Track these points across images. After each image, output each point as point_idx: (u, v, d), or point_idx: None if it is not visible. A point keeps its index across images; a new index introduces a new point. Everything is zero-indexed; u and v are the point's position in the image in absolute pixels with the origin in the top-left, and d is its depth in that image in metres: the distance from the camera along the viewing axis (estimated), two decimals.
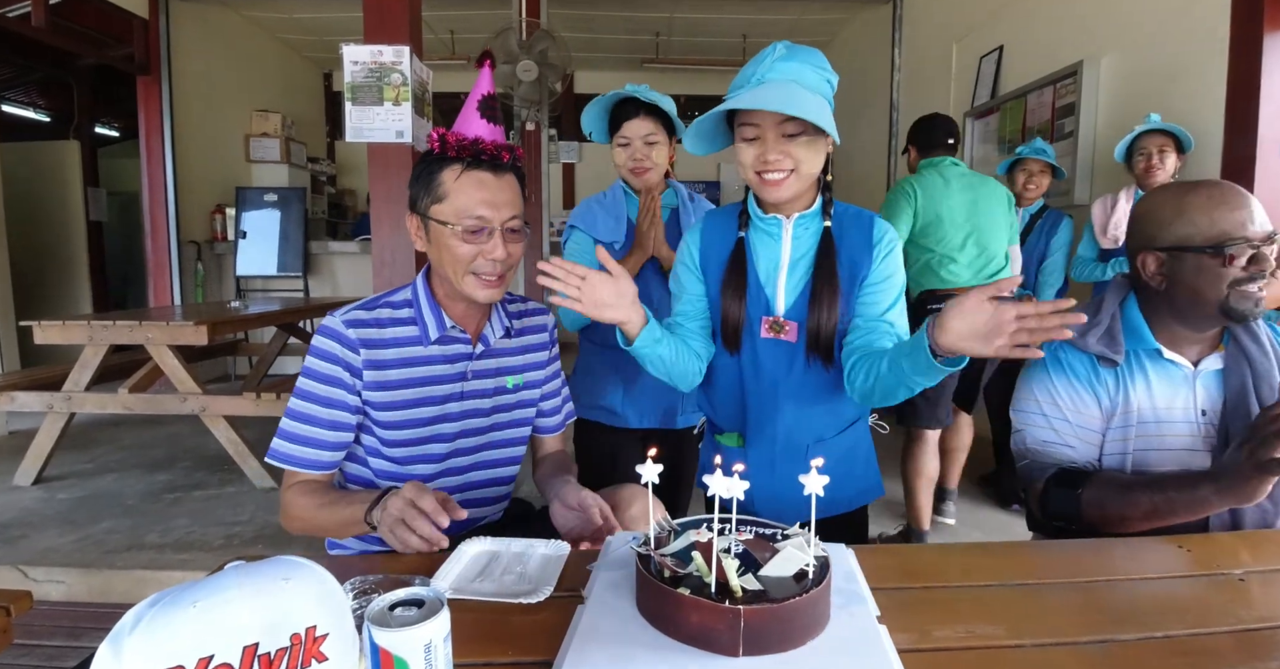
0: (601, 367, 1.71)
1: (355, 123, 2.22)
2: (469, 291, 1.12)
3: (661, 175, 1.64)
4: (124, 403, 3.07)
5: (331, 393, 1.11)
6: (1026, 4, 3.79)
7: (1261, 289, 1.05)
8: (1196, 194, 1.09)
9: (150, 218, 5.31)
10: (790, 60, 1.06)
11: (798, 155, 1.06)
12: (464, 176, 1.08)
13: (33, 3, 4.26)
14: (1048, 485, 1.13)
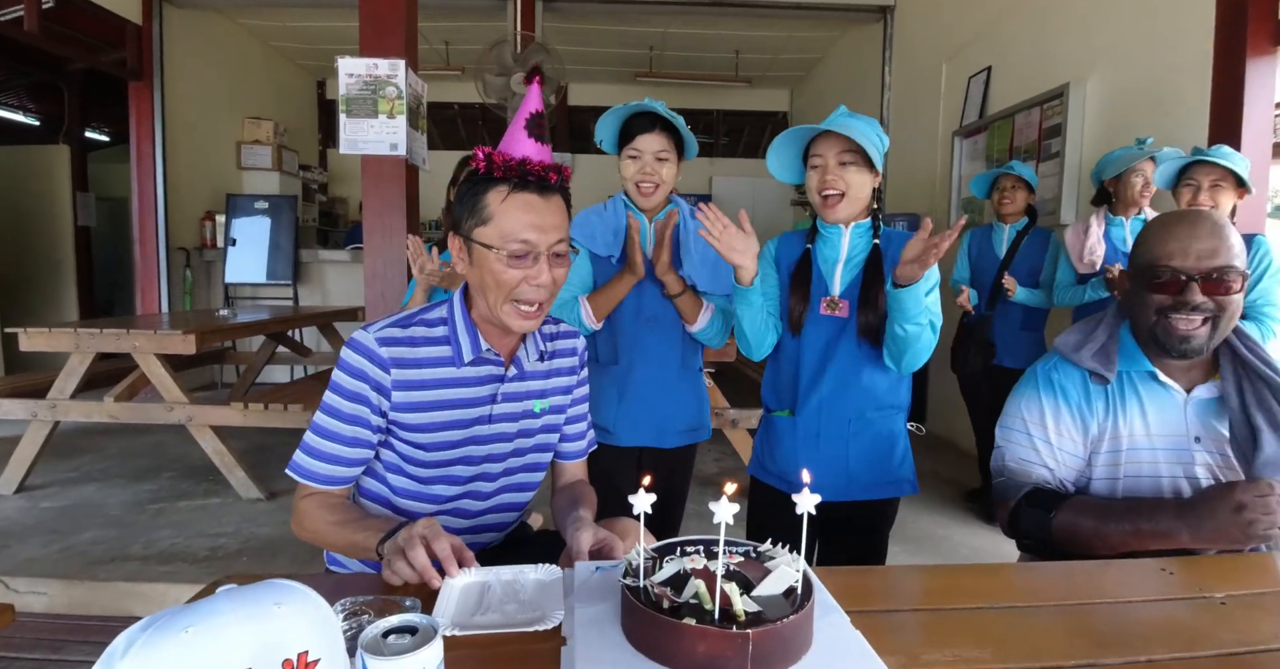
0: (596, 383, 1.70)
1: (349, 135, 2.23)
2: (506, 320, 1.08)
3: (666, 194, 1.64)
4: (109, 412, 3.04)
5: (357, 410, 1.08)
6: (1013, 26, 3.86)
7: (1196, 326, 1.06)
8: (1162, 220, 1.12)
9: (139, 224, 5.28)
10: (850, 117, 1.39)
11: (849, 180, 1.38)
12: (510, 198, 1.04)
13: (25, 7, 4.25)
14: (1020, 503, 1.14)
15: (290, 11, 5.83)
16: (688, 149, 1.64)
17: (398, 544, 0.90)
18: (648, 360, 1.66)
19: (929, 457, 3.90)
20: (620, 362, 1.67)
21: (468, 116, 8.17)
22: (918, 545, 2.74)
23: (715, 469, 3.68)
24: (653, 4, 5.29)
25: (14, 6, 4.34)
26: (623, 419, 1.67)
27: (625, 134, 1.61)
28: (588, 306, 1.60)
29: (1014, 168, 2.90)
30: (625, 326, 1.66)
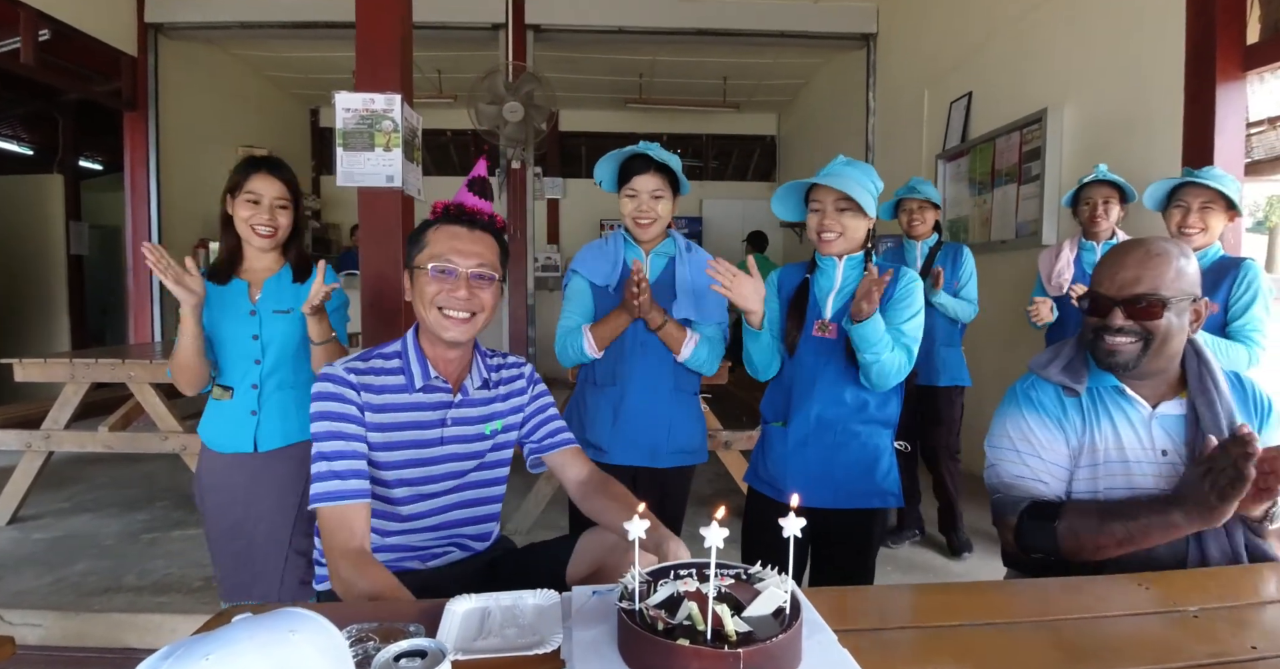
0: (593, 403, 1.79)
1: (346, 167, 2.28)
2: (437, 329, 1.22)
3: (663, 227, 1.76)
4: (104, 441, 3.04)
5: (352, 428, 1.19)
6: (992, 53, 3.98)
7: (1123, 345, 1.14)
8: (1110, 249, 1.22)
9: (133, 253, 5.31)
10: (847, 166, 1.55)
11: (845, 223, 1.53)
12: (441, 229, 1.24)
13: (21, 39, 4.31)
14: (1022, 519, 1.18)
15: (283, 42, 5.93)
16: (681, 186, 1.76)
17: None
18: (641, 383, 1.74)
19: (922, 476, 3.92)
20: (616, 383, 1.75)
21: (460, 143, 8.27)
22: (909, 564, 2.76)
23: (709, 490, 3.69)
24: (642, 33, 5.41)
25: (10, 38, 4.41)
26: (617, 439, 1.75)
27: (623, 174, 1.73)
28: (590, 337, 1.70)
29: (918, 190, 2.87)
30: (620, 350, 1.75)
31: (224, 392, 1.69)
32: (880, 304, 1.52)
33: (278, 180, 1.67)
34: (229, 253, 1.71)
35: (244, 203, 1.65)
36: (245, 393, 1.69)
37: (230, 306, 1.68)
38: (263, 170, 1.66)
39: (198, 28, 5.32)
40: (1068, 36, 3.38)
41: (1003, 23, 3.86)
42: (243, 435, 1.68)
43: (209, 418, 1.73)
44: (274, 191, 1.66)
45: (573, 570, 1.23)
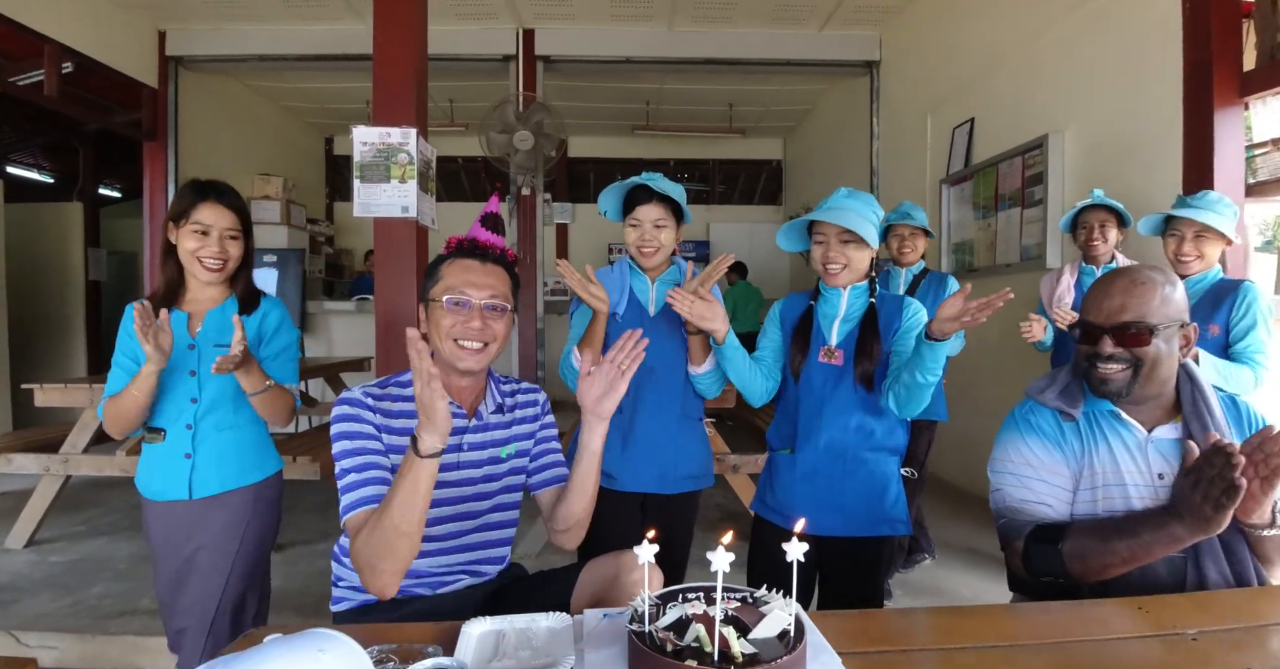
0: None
1: (363, 199, 2.35)
2: (453, 359, 1.26)
3: (667, 255, 1.79)
4: (121, 465, 3.09)
5: (373, 445, 1.22)
6: (993, 80, 4.05)
7: (1113, 372, 1.17)
8: (1099, 278, 1.25)
9: (150, 279, 5.41)
10: (849, 198, 1.58)
11: (849, 255, 1.57)
12: (455, 263, 1.30)
13: (46, 71, 4.46)
14: (1028, 543, 1.19)
15: (299, 74, 6.10)
16: (685, 215, 1.79)
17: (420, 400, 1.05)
18: (649, 409, 1.76)
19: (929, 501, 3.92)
20: (624, 410, 1.75)
21: (471, 170, 8.43)
22: (920, 587, 2.75)
23: (717, 514, 3.70)
24: (648, 63, 5.53)
25: (34, 71, 4.56)
26: (626, 466, 1.75)
27: (627, 204, 1.76)
28: (576, 352, 1.73)
29: (911, 216, 2.80)
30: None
31: (154, 434, 1.56)
32: (884, 334, 1.56)
33: (228, 209, 1.55)
34: (169, 285, 1.57)
35: (190, 233, 1.51)
36: (179, 434, 1.56)
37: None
38: (210, 198, 1.53)
39: (217, 60, 5.48)
40: (1068, 64, 3.45)
41: (1004, 51, 3.94)
42: (176, 481, 1.55)
43: (143, 463, 1.60)
44: (224, 222, 1.54)
45: (576, 601, 1.24)
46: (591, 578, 1.26)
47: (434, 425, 1.04)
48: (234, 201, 1.57)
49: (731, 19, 5.22)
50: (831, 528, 1.54)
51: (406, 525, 1.06)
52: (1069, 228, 2.59)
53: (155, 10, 5.03)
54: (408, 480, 1.05)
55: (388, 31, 2.35)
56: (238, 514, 1.60)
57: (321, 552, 3.13)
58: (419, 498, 1.06)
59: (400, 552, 1.07)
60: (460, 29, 5.17)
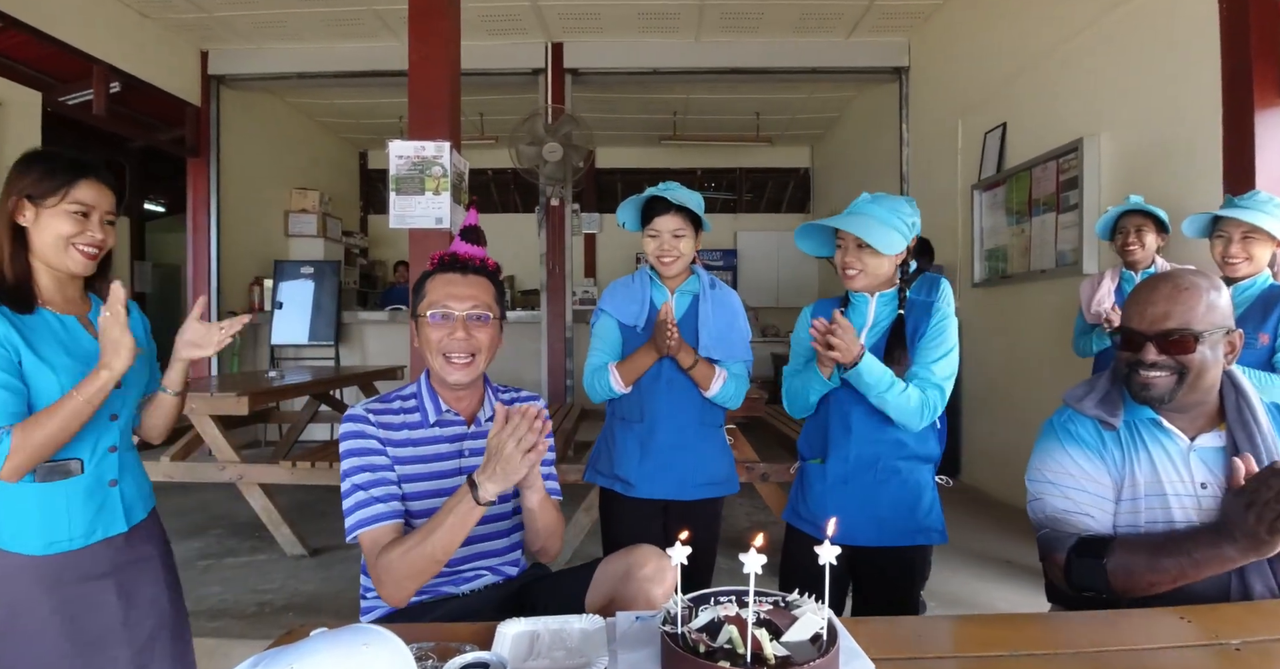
0: (621, 439, 1.83)
1: (399, 210, 2.41)
2: (443, 374, 1.31)
3: (686, 264, 1.81)
4: (165, 471, 3.18)
5: (378, 460, 1.28)
6: (1025, 84, 4.00)
7: (1157, 379, 1.14)
8: (1139, 283, 1.23)
9: (193, 290, 5.58)
10: (872, 203, 1.56)
11: (866, 261, 1.55)
12: (438, 278, 1.34)
13: (94, 91, 4.64)
14: (1070, 557, 1.17)
15: (335, 90, 6.26)
16: (704, 225, 1.81)
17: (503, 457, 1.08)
18: (668, 418, 1.78)
19: (965, 511, 3.86)
20: (643, 420, 1.79)
21: (500, 181, 8.55)
22: (955, 599, 2.70)
23: (746, 523, 3.68)
24: (675, 73, 5.57)
25: (84, 91, 4.76)
26: (644, 473, 1.78)
27: (645, 215, 1.79)
28: (616, 374, 1.75)
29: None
30: (647, 387, 1.78)
31: (61, 469, 1.25)
32: (911, 340, 1.55)
33: (109, 189, 1.32)
34: (19, 281, 1.25)
35: (64, 214, 1.25)
36: (102, 460, 1.31)
37: (75, 347, 1.27)
38: (91, 175, 1.28)
39: (257, 79, 5.66)
40: (1102, 66, 3.40)
41: (1035, 54, 3.90)
42: (110, 514, 1.31)
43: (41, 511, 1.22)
44: (106, 203, 1.31)
45: (590, 599, 1.27)
46: (605, 575, 1.28)
47: (504, 481, 1.10)
48: (112, 180, 1.33)
49: (758, 28, 5.24)
50: (864, 537, 1.52)
51: (442, 556, 1.14)
52: (1106, 233, 2.55)
53: (198, 31, 5.22)
54: (456, 518, 1.12)
55: (422, 49, 2.42)
56: (161, 536, 1.46)
57: (356, 557, 3.17)
58: (461, 535, 1.14)
59: (429, 575, 1.16)
60: (490, 44, 5.27)
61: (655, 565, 1.22)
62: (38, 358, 1.20)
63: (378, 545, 1.19)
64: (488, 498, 1.11)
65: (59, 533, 1.24)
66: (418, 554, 1.12)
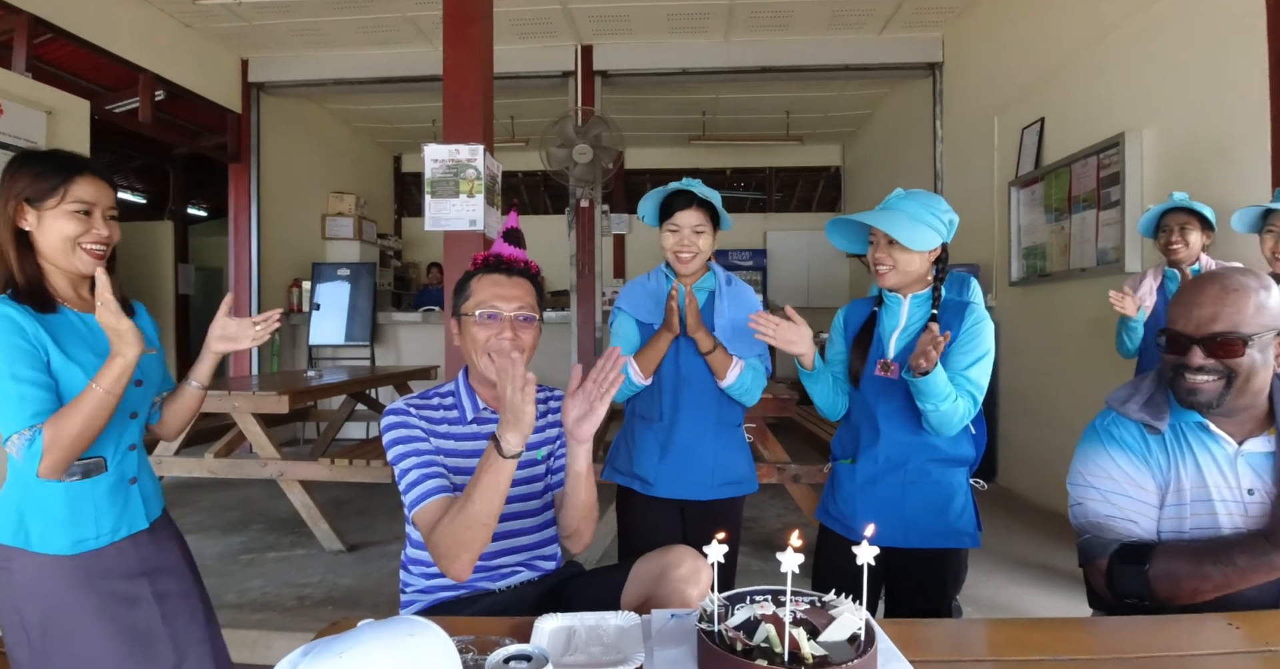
0: (640, 438, 1.83)
1: (434, 213, 2.45)
2: (485, 371, 1.33)
3: (704, 261, 1.81)
4: (209, 467, 3.28)
5: (423, 446, 1.31)
6: (1064, 79, 3.92)
7: (1203, 384, 1.11)
8: (1184, 284, 1.19)
9: (235, 293, 5.71)
10: (905, 199, 1.54)
11: (896, 257, 1.53)
12: (484, 278, 1.37)
13: (140, 99, 4.81)
14: (1112, 563, 1.15)
15: (370, 96, 6.38)
16: (722, 222, 1.81)
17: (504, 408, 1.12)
18: (687, 418, 1.78)
19: (1001, 515, 3.79)
20: (663, 418, 1.79)
21: (530, 183, 8.62)
22: (991, 604, 2.66)
23: (778, 524, 3.67)
24: (705, 73, 5.57)
25: (130, 99, 4.93)
26: (663, 473, 1.78)
27: (665, 210, 1.79)
28: (634, 365, 1.74)
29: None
30: (666, 385, 1.79)
31: (88, 468, 1.26)
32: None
33: (107, 184, 1.30)
34: (32, 283, 1.24)
35: (67, 214, 1.23)
36: (123, 458, 1.32)
37: (99, 346, 1.24)
38: (87, 171, 1.26)
39: (296, 86, 5.79)
40: (1144, 59, 3.31)
41: (1074, 48, 3.81)
42: (133, 511, 1.32)
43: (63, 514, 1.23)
44: (106, 199, 1.29)
45: (625, 598, 1.28)
46: (640, 574, 1.30)
47: (519, 427, 1.12)
48: (109, 176, 1.32)
49: (788, 26, 5.21)
50: (894, 539, 1.51)
51: (486, 517, 1.15)
52: (1149, 231, 2.49)
53: (239, 40, 5.36)
54: (489, 476, 1.13)
55: (457, 54, 2.47)
56: (177, 534, 1.46)
57: (393, 552, 3.24)
58: (499, 492, 1.14)
59: (479, 541, 1.16)
60: (521, 48, 5.33)
61: (690, 566, 1.23)
62: (66, 357, 1.20)
63: (430, 522, 1.21)
64: (511, 449, 1.13)
65: (86, 531, 1.25)
66: (463, 520, 1.14)
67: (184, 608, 1.39)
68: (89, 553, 1.25)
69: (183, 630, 1.37)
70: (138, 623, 1.30)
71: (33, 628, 1.21)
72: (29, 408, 1.15)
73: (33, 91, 3.89)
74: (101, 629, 1.25)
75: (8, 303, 1.19)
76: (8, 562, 1.22)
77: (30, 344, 1.18)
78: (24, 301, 1.20)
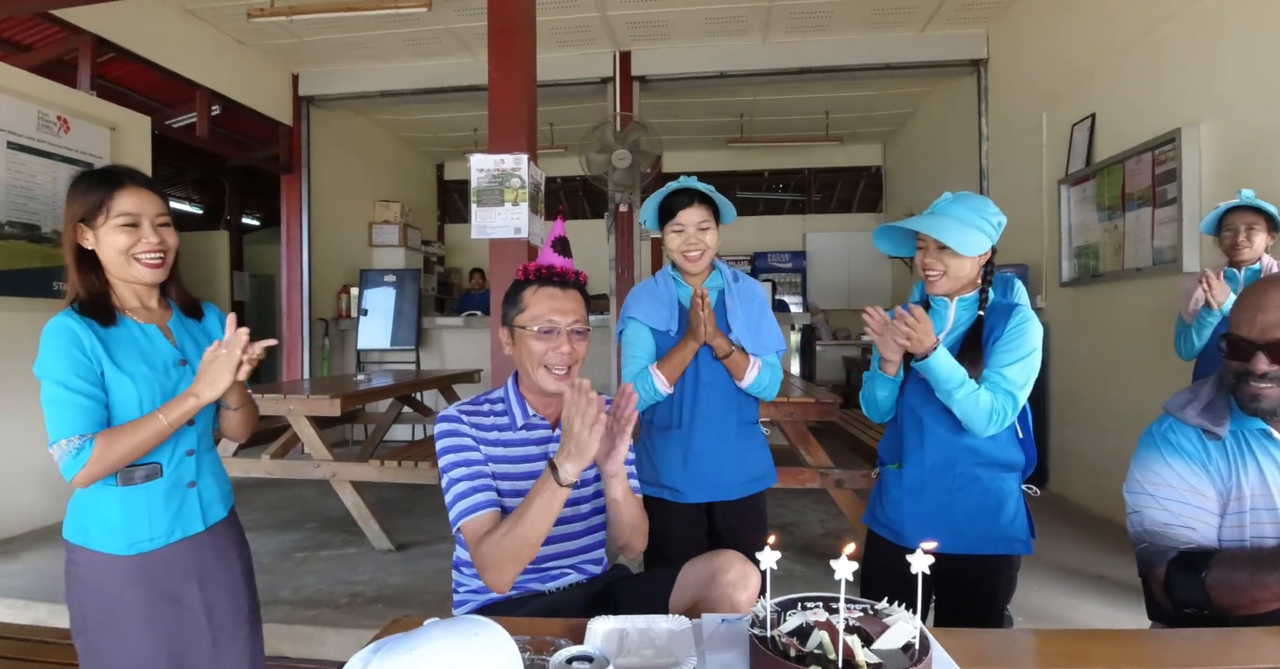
0: (662, 447, 1.83)
1: (480, 222, 2.51)
2: (541, 382, 1.37)
3: (711, 258, 1.80)
4: (265, 468, 3.40)
5: (473, 455, 1.35)
6: (1117, 72, 3.80)
7: (1268, 392, 1.07)
8: (1248, 287, 1.15)
9: (287, 299, 5.93)
10: (954, 203, 1.52)
11: (947, 262, 1.51)
12: (539, 291, 1.39)
13: (198, 115, 5.02)
14: (1170, 571, 1.12)
15: (415, 107, 6.54)
16: (724, 215, 1.81)
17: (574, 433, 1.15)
18: (707, 421, 1.79)
19: (1054, 522, 3.69)
20: (681, 425, 1.80)
21: (569, 189, 8.72)
22: (1044, 615, 2.60)
23: (820, 530, 3.63)
24: (743, 76, 5.55)
25: (188, 115, 5.15)
26: (688, 479, 1.79)
27: (666, 211, 1.78)
28: (659, 374, 1.75)
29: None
30: (685, 392, 1.79)
31: (143, 473, 1.30)
32: (986, 343, 1.51)
33: (152, 192, 1.32)
34: (95, 297, 1.29)
35: (115, 229, 1.27)
36: (180, 463, 1.35)
37: (155, 356, 1.31)
38: (128, 183, 1.29)
39: (344, 98, 5.98)
40: (1200, 51, 3.19)
41: (1126, 40, 3.70)
42: (188, 515, 1.36)
43: (122, 513, 1.28)
44: (153, 207, 1.30)
45: (674, 602, 1.30)
46: (689, 579, 1.31)
47: (580, 460, 1.16)
48: (153, 183, 1.34)
49: (827, 27, 5.17)
50: (943, 545, 1.47)
51: (535, 537, 1.20)
52: (1213, 229, 2.41)
53: (290, 55, 5.55)
54: (542, 500, 1.18)
55: (501, 66, 2.52)
56: (239, 535, 1.50)
57: (440, 552, 3.31)
58: (550, 516, 1.19)
59: (526, 558, 1.22)
60: (560, 55, 5.39)
61: (739, 570, 1.24)
62: (118, 369, 1.25)
63: (478, 533, 1.25)
64: (568, 478, 1.16)
65: (140, 533, 1.29)
66: (512, 538, 1.19)
67: (230, 623, 1.42)
68: (143, 554, 1.30)
69: (225, 632, 1.41)
70: (181, 627, 1.34)
71: (90, 620, 1.28)
72: (79, 417, 1.20)
73: (97, 109, 4.10)
74: (150, 626, 1.30)
75: (70, 315, 1.25)
76: (73, 557, 1.29)
77: (86, 357, 1.23)
78: (87, 314, 1.26)
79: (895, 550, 1.54)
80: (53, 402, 1.21)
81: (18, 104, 3.62)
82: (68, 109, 3.88)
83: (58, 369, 1.21)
